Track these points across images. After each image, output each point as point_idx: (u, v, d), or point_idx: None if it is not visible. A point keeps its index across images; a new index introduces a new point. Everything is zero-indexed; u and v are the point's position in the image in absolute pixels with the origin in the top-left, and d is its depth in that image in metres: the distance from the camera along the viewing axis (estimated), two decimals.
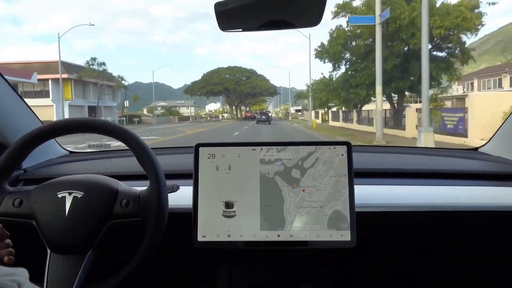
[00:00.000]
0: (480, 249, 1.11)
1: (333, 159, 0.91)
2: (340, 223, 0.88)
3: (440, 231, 1.05)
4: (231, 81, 67.56)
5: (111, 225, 0.82)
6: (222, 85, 65.94)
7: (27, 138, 0.84)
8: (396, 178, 1.13)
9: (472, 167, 1.21)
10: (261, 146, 0.92)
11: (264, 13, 0.83)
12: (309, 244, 0.89)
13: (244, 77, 70.54)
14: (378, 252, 1.12)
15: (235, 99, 71.72)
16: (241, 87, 67.63)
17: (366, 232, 0.90)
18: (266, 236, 0.89)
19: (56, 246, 0.81)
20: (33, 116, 1.30)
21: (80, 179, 0.87)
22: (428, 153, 1.39)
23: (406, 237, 1.07)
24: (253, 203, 0.90)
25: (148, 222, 0.81)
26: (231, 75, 69.95)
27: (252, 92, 69.39)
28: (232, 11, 0.81)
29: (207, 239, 0.89)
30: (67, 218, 0.80)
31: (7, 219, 0.82)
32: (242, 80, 69.35)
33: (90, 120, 0.87)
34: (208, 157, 0.92)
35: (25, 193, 0.85)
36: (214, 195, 0.90)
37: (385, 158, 1.39)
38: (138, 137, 0.85)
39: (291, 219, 0.89)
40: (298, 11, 0.82)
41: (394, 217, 1.00)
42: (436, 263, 1.15)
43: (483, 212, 0.99)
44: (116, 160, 1.43)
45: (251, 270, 1.11)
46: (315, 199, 0.89)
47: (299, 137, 16.30)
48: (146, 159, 0.83)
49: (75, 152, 1.50)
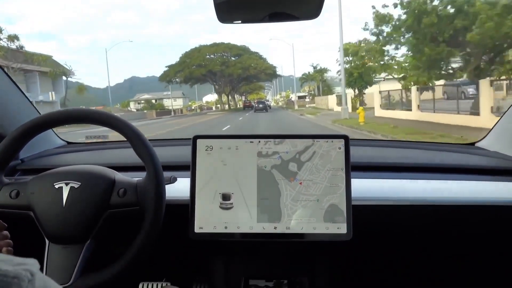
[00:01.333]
0: (476, 243, 1.12)
1: (330, 152, 0.91)
2: (336, 217, 0.89)
3: (436, 225, 1.06)
4: (216, 62, 51.89)
5: (109, 215, 0.82)
6: (205, 68, 50.91)
7: (24, 128, 0.84)
8: (393, 172, 1.14)
9: (469, 161, 1.22)
10: (258, 139, 0.93)
11: (264, 5, 0.82)
12: (306, 237, 0.89)
13: (233, 56, 53.51)
14: (374, 246, 1.13)
15: (225, 86, 55.61)
16: (230, 69, 51.21)
17: (363, 226, 0.91)
18: (263, 228, 0.89)
19: (54, 237, 0.81)
20: (30, 106, 1.30)
21: (77, 169, 0.87)
22: (425, 147, 1.39)
23: (402, 231, 1.08)
24: (250, 195, 0.90)
25: (146, 210, 0.81)
26: (216, 54, 53.36)
27: (244, 75, 52.93)
28: (232, 3, 0.80)
29: (204, 230, 0.90)
30: (64, 208, 0.80)
31: (4, 210, 0.82)
32: (231, 60, 52.64)
33: (87, 111, 0.87)
34: (205, 149, 0.92)
35: (22, 184, 0.84)
36: (211, 187, 0.91)
37: (382, 152, 1.40)
38: (134, 127, 0.84)
39: (287, 212, 0.89)
40: (299, 3, 0.82)
41: (390, 211, 1.00)
42: (432, 257, 1.17)
43: (479, 206, 1.00)
44: (113, 151, 1.43)
45: (247, 263, 1.12)
46: (312, 192, 0.90)
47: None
48: (142, 149, 0.83)
49: (73, 143, 1.49)
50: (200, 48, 53.69)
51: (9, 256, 0.32)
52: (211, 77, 53.34)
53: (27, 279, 0.30)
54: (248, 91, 68.00)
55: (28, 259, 0.32)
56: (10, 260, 0.31)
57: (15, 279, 0.30)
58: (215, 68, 51.44)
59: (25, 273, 0.30)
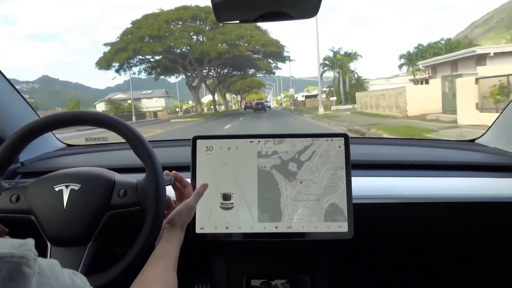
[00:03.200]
0: (477, 240, 1.13)
1: (330, 152, 0.91)
2: (336, 216, 0.89)
3: (437, 221, 1.06)
4: (183, 33, 30.28)
5: (110, 216, 0.82)
6: (162, 42, 30.12)
7: (23, 131, 0.84)
8: (394, 170, 1.14)
9: (469, 158, 1.22)
10: (258, 139, 0.92)
11: (262, 4, 0.82)
12: (307, 236, 0.89)
13: (210, 25, 30.60)
14: (376, 244, 1.13)
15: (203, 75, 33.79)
16: (207, 45, 29.91)
17: (364, 224, 0.91)
18: (264, 228, 0.89)
19: (56, 240, 0.81)
20: (29, 109, 1.30)
21: (76, 172, 0.86)
22: (426, 144, 1.39)
23: (403, 228, 1.08)
24: (251, 195, 0.90)
25: (147, 210, 0.81)
26: (183, 21, 31.34)
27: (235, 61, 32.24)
28: (229, 2, 0.80)
29: (205, 231, 0.90)
30: (65, 211, 0.80)
31: (5, 215, 0.82)
32: (208, 31, 31.09)
33: (86, 113, 0.87)
34: (205, 150, 0.92)
35: (22, 188, 0.84)
36: (211, 187, 0.90)
37: (382, 149, 1.40)
38: (133, 128, 0.84)
39: (288, 212, 0.89)
40: (296, 2, 0.82)
41: (391, 208, 1.00)
42: (433, 254, 1.17)
43: (480, 203, 1.00)
44: (113, 153, 1.43)
45: (249, 262, 1.12)
46: (312, 192, 0.90)
47: None
48: (142, 149, 0.83)
49: (72, 145, 1.49)
50: (159, 14, 31.46)
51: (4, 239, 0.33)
52: (176, 59, 32.10)
53: (32, 258, 0.32)
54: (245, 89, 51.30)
55: (24, 240, 0.33)
56: (8, 243, 0.32)
57: (23, 259, 0.31)
58: (179, 43, 30.25)
59: (29, 253, 0.32)
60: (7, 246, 0.32)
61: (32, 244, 0.33)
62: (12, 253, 0.31)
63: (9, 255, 0.31)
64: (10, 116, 1.20)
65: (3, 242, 0.32)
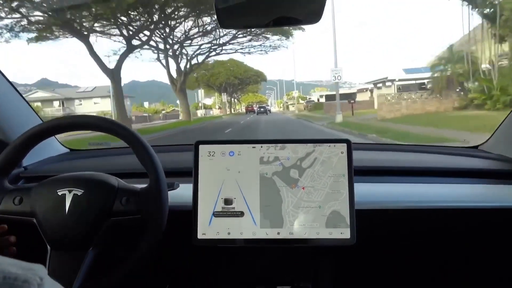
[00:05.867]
0: (480, 247, 1.12)
1: (332, 158, 0.91)
2: (338, 223, 0.88)
3: (440, 229, 1.05)
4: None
5: (111, 222, 0.82)
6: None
7: (27, 135, 0.84)
8: (397, 176, 1.13)
9: (472, 165, 1.21)
10: (261, 144, 0.92)
11: (266, 11, 0.83)
12: (309, 242, 0.89)
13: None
14: (378, 250, 1.12)
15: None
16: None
17: (366, 230, 0.90)
18: (266, 234, 0.89)
19: (56, 243, 0.81)
20: (33, 113, 1.30)
21: (79, 177, 0.87)
22: (429, 150, 1.39)
23: (406, 235, 1.07)
24: (253, 201, 0.90)
25: (148, 220, 0.81)
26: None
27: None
28: (233, 9, 0.80)
29: (207, 236, 0.89)
30: (67, 215, 0.81)
31: (7, 216, 0.83)
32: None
33: (90, 118, 0.87)
34: (208, 155, 0.92)
35: (25, 191, 0.85)
36: (213, 193, 0.90)
37: (385, 156, 1.39)
38: (137, 134, 0.85)
39: (289, 219, 0.89)
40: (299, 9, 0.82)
41: (394, 215, 1.00)
42: (436, 261, 1.16)
43: (483, 210, 0.99)
44: (116, 158, 1.43)
45: (251, 268, 1.11)
46: (313, 199, 0.89)
47: None
48: (145, 156, 0.83)
49: (76, 150, 1.50)
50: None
51: (18, 261, 0.33)
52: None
53: (37, 283, 0.32)
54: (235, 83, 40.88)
55: (36, 265, 0.33)
56: (19, 264, 0.32)
57: (25, 283, 0.31)
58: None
59: (34, 278, 0.32)
60: (15, 266, 0.32)
61: (41, 269, 0.33)
62: (16, 275, 0.31)
63: (13, 276, 0.31)
64: (14, 119, 1.21)
65: (14, 263, 0.32)
